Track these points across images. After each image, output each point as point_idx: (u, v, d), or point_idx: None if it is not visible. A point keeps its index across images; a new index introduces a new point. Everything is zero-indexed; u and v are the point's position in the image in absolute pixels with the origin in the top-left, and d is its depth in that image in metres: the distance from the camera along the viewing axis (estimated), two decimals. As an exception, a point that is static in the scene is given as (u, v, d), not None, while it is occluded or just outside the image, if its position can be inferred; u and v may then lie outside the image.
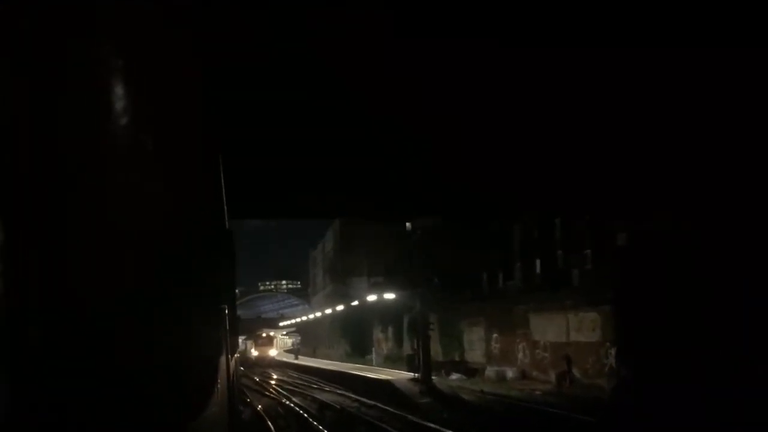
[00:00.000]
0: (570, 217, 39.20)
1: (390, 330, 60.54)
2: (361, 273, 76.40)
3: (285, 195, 16.73)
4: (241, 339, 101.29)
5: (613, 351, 25.83)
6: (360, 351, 65.97)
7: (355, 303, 46.67)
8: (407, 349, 55.52)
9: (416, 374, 27.42)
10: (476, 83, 10.04)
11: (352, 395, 28.64)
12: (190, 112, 2.40)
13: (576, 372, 29.26)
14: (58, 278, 1.44)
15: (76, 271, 1.48)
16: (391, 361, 52.09)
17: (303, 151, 12.95)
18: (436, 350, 48.85)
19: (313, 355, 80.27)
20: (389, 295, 32.19)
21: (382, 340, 63.06)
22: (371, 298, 37.26)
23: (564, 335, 30.66)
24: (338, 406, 25.23)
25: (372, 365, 50.95)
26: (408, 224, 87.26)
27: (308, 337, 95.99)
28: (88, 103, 1.55)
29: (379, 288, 58.96)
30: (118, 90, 1.65)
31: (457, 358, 43.42)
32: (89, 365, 1.48)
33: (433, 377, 28.68)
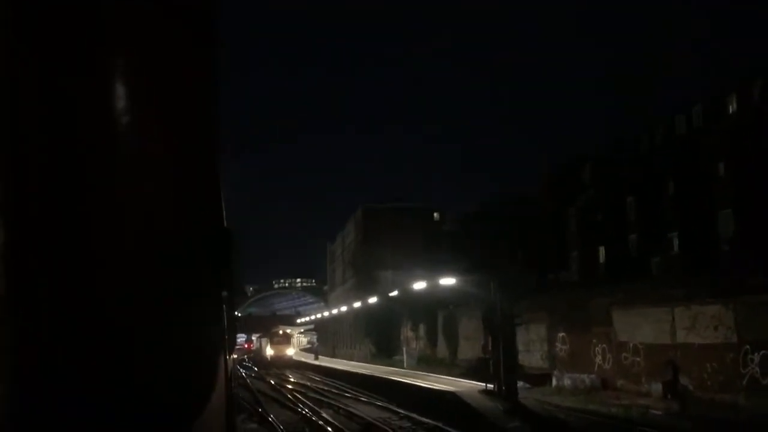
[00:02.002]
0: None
1: (422, 328, 54.05)
2: (386, 266, 69.75)
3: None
4: (255, 337, 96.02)
5: (757, 356, 19.28)
6: (386, 351, 59.53)
7: (394, 293, 39.88)
8: (442, 349, 49.22)
9: (488, 384, 20.84)
10: None
11: (401, 411, 22.19)
12: (190, 110, 2.04)
13: (686, 382, 22.69)
14: (48, 277, 1.51)
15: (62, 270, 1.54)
16: (425, 363, 45.58)
17: None
18: (477, 348, 42.50)
19: (333, 355, 73.83)
20: (447, 281, 25.44)
21: (412, 339, 56.53)
22: (419, 285, 30.50)
23: (667, 335, 24.07)
24: (390, 430, 18.74)
25: (403, 368, 44.52)
26: (436, 214, 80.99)
27: (327, 336, 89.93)
28: (87, 101, 1.60)
29: (407, 279, 52.78)
30: (117, 87, 1.68)
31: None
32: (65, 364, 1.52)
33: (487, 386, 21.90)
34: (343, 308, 69.75)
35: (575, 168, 42.15)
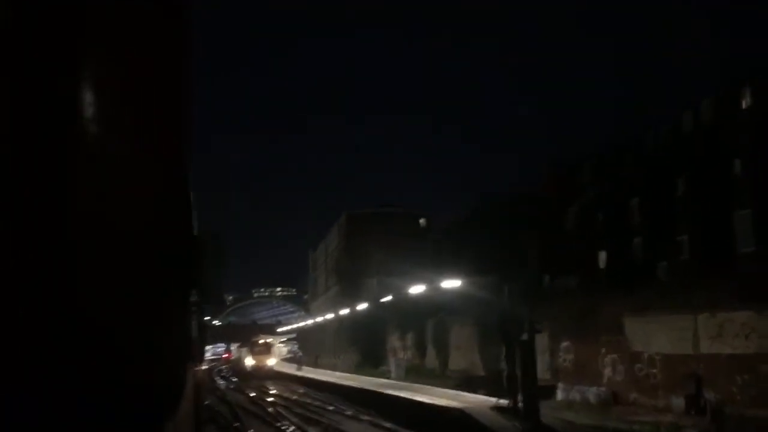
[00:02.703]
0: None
1: (410, 337, 51.72)
2: (370, 273, 67.39)
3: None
4: (234, 346, 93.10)
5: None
6: (372, 361, 57.08)
7: (387, 299, 37.56)
8: (431, 359, 46.96)
9: (500, 399, 18.54)
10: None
11: (402, 430, 19.83)
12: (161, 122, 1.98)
13: (711, 396, 20.60)
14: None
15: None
16: (414, 374, 43.23)
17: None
18: (473, 361, 40.31)
19: (315, 365, 70.94)
20: (451, 284, 23.09)
21: (399, 349, 54.18)
22: (416, 290, 28.13)
23: (688, 345, 21.98)
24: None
25: (391, 379, 42.14)
26: (422, 220, 78.74)
27: (309, 345, 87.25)
28: (64, 107, 1.58)
29: (396, 285, 50.56)
30: (84, 86, 1.62)
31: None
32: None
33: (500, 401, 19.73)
34: (329, 316, 67.25)
35: (574, 167, 40.20)
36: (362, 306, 55.85)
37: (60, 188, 1.48)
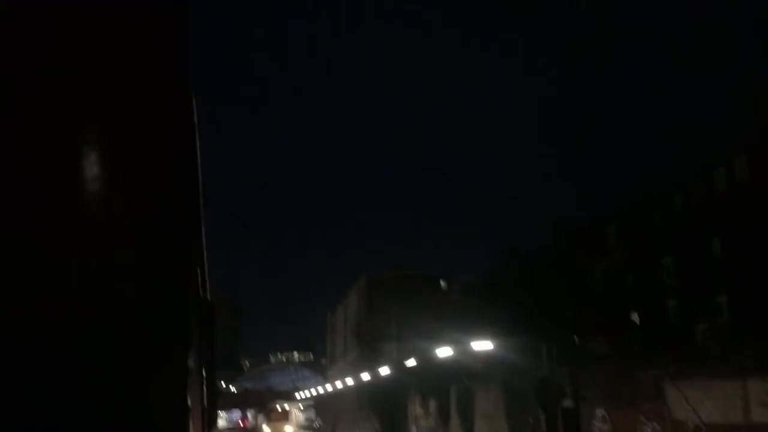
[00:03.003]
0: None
1: (432, 403, 49.79)
2: (390, 337, 65.83)
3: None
4: (250, 413, 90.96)
5: None
6: (393, 430, 54.98)
7: (411, 363, 36.24)
8: (455, 427, 44.95)
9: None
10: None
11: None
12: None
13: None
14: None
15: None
16: (438, 444, 41.34)
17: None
18: (500, 430, 38.42)
19: (333, 433, 68.82)
20: (481, 345, 21.75)
21: (421, 417, 52.17)
22: (443, 353, 26.80)
23: (738, 413, 20.46)
24: None
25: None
26: (443, 282, 77.51)
27: (326, 413, 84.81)
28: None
29: (413, 352, 49.00)
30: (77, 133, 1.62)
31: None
32: None
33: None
34: (349, 381, 65.46)
35: (598, 225, 39.14)
36: (384, 370, 54.25)
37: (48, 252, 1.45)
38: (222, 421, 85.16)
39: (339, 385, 72.64)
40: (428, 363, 46.16)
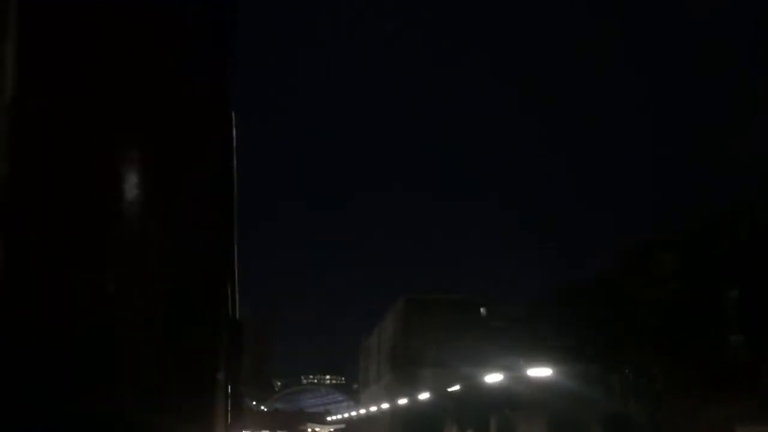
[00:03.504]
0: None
1: (470, 433, 47.81)
2: (427, 362, 63.97)
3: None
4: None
5: None
6: (427, 458, 52.96)
7: (454, 388, 34.74)
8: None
9: None
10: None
11: None
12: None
13: None
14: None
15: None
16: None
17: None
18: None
19: (365, 458, 66.96)
20: (540, 372, 20.20)
21: (458, 446, 50.16)
22: (492, 379, 25.15)
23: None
24: None
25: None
26: (482, 309, 75.44)
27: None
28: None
29: (450, 378, 47.16)
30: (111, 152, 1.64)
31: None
32: None
33: None
34: (383, 406, 63.77)
35: (650, 253, 37.17)
36: (422, 396, 52.52)
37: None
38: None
39: (373, 409, 70.96)
40: (471, 389, 44.41)
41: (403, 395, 56.99)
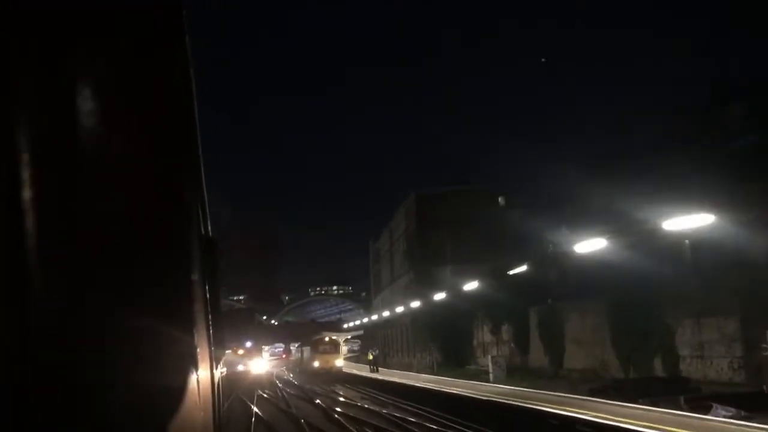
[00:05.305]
0: None
1: (505, 330, 43.17)
2: (445, 260, 58.91)
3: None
4: (294, 346, 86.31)
5: None
6: (455, 360, 48.75)
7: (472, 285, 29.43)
8: (538, 357, 38.19)
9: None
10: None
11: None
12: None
13: None
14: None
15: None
16: (518, 376, 34.74)
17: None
18: (603, 359, 31.72)
19: (384, 364, 62.99)
20: (590, 245, 14.40)
21: (492, 345, 45.71)
22: (518, 269, 18.90)
23: None
24: None
25: (489, 381, 33.85)
26: (501, 198, 69.14)
27: (374, 344, 79.69)
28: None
29: (465, 276, 42.26)
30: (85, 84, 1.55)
31: (662, 372, 25.97)
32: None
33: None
34: (398, 309, 59.24)
35: (714, 107, 31.02)
36: (441, 296, 47.73)
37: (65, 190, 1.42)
38: (266, 354, 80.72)
39: (388, 313, 66.73)
40: (495, 285, 39.61)
41: (423, 295, 52.33)
